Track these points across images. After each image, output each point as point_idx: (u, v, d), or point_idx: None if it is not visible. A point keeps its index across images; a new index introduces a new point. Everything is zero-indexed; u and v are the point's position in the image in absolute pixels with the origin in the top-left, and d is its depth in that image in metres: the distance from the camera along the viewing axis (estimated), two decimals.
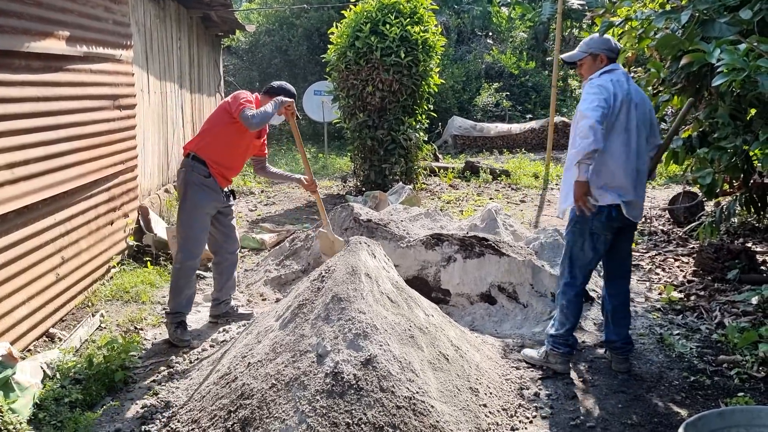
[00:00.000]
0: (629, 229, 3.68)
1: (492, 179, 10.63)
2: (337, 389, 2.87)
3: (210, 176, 4.17)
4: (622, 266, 3.75)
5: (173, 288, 4.22)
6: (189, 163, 4.18)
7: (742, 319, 4.32)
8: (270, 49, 16.73)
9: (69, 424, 3.12)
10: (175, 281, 4.21)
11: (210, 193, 4.19)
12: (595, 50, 3.65)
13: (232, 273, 4.55)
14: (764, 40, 3.30)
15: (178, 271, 4.20)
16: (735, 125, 4.05)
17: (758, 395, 3.43)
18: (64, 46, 4.53)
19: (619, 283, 3.75)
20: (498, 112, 16.93)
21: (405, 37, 8.97)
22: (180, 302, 4.22)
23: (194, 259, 4.22)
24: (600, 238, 3.54)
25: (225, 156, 4.21)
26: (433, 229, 5.55)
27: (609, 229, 3.52)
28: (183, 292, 4.22)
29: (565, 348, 3.68)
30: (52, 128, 4.32)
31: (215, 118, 4.22)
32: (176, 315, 4.21)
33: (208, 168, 4.17)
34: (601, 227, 3.51)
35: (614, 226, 3.52)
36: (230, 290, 4.59)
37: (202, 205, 4.17)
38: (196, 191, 4.14)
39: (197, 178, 4.14)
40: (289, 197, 9.72)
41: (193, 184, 4.14)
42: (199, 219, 4.19)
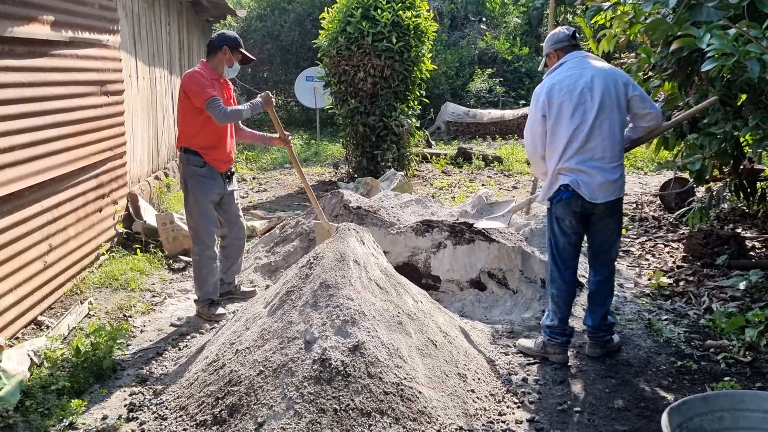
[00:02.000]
0: (602, 216, 3.52)
1: (484, 165, 10.61)
2: (325, 376, 2.87)
3: (205, 165, 4.21)
4: (600, 255, 3.65)
5: (197, 278, 4.34)
6: (183, 157, 4.25)
7: (730, 304, 4.34)
8: (261, 34, 16.58)
9: (56, 411, 3.11)
10: (198, 272, 4.34)
11: (209, 183, 4.25)
12: (546, 51, 3.68)
13: (238, 257, 4.66)
14: (754, 25, 3.29)
15: (198, 262, 4.32)
16: (725, 111, 4.05)
17: (744, 380, 3.45)
18: (49, 31, 4.46)
19: (598, 270, 3.68)
20: (491, 98, 16.88)
21: (396, 22, 8.90)
22: (207, 290, 4.36)
23: (210, 249, 4.32)
24: (564, 222, 3.54)
25: (210, 138, 4.21)
26: (424, 215, 5.54)
27: (570, 213, 3.49)
28: (208, 280, 4.35)
29: (562, 338, 3.64)
30: (37, 114, 4.27)
31: (182, 108, 4.21)
32: (206, 300, 4.36)
33: (201, 157, 4.19)
34: (561, 211, 3.51)
35: (576, 211, 3.48)
36: (235, 273, 4.70)
37: (204, 195, 4.24)
38: (195, 184, 4.22)
39: (193, 170, 4.21)
40: (280, 184, 9.69)
41: (191, 178, 4.22)
42: (205, 210, 4.27)
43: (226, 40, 4.23)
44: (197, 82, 4.06)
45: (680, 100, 4.54)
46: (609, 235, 3.61)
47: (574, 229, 3.56)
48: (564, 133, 3.42)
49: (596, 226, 3.59)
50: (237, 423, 2.84)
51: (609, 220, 3.57)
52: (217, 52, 4.22)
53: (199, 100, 4.02)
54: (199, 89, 4.04)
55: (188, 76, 4.12)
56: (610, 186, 3.43)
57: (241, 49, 4.30)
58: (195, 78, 4.09)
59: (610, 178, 3.42)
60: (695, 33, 3.46)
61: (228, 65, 4.29)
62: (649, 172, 9.89)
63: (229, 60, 4.25)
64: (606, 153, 3.42)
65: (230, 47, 4.23)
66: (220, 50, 4.21)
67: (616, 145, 3.45)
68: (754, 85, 3.67)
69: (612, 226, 3.60)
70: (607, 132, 3.40)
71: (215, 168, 4.25)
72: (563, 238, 3.58)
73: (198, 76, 4.11)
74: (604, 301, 3.72)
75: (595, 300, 3.73)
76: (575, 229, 3.56)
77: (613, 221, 3.59)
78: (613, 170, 3.43)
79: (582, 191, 3.40)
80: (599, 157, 3.41)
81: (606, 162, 3.42)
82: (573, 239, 3.58)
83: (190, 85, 4.08)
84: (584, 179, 3.41)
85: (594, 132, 3.39)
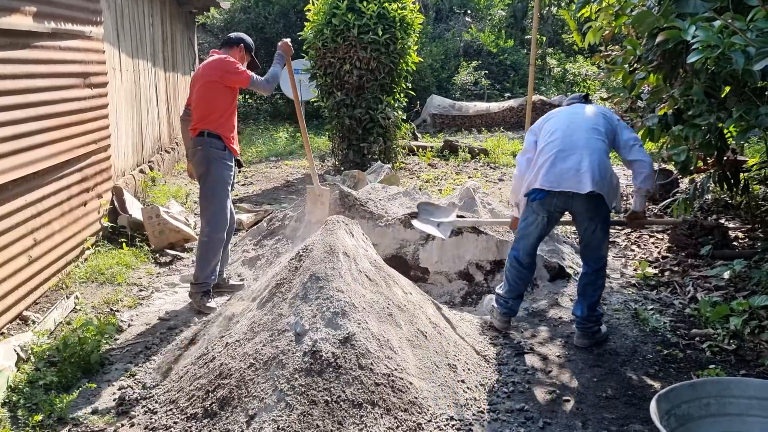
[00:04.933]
0: (582, 214, 3.62)
1: (471, 158, 10.64)
2: (316, 367, 2.87)
3: (226, 149, 4.34)
4: (587, 250, 3.75)
5: (201, 259, 4.38)
6: (205, 140, 4.30)
7: (715, 293, 4.40)
8: (245, 26, 16.43)
9: (44, 406, 3.08)
10: (203, 253, 4.37)
11: (229, 165, 4.37)
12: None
13: (226, 247, 4.67)
14: (739, 17, 3.32)
15: (206, 243, 4.36)
16: (709, 102, 4.09)
17: (729, 367, 3.51)
18: (31, 22, 4.40)
19: (586, 264, 3.78)
20: (476, 91, 16.90)
21: (382, 14, 8.87)
22: (207, 273, 4.38)
23: (222, 232, 4.41)
24: (537, 216, 3.70)
25: (230, 124, 4.38)
26: (412, 207, 5.54)
27: (542, 210, 3.66)
28: (211, 262, 4.39)
29: (503, 308, 3.89)
30: (19, 107, 4.21)
31: (211, 94, 4.28)
32: (202, 285, 4.37)
33: (224, 142, 4.32)
34: (536, 206, 3.68)
35: (549, 209, 3.65)
36: (223, 263, 4.71)
37: (225, 177, 4.35)
38: (218, 165, 4.31)
39: (217, 153, 4.30)
40: (266, 177, 9.64)
41: (215, 159, 4.30)
42: (224, 191, 4.37)
43: (243, 39, 4.51)
44: (234, 65, 4.27)
45: (665, 92, 4.58)
46: (590, 231, 3.69)
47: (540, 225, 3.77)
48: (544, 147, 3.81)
49: (577, 222, 3.74)
50: (228, 416, 2.83)
51: (586, 216, 3.66)
52: (234, 46, 4.45)
53: (243, 81, 4.22)
54: (239, 71, 4.25)
55: (222, 62, 4.27)
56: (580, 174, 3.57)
57: (252, 54, 4.59)
58: (229, 62, 4.28)
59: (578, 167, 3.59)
60: (681, 25, 3.49)
61: (241, 62, 4.44)
62: None
63: (242, 58, 4.46)
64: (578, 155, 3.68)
65: (245, 47, 4.51)
66: (237, 46, 4.46)
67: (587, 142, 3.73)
68: (738, 77, 3.71)
69: (588, 221, 3.67)
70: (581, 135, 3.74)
71: (233, 153, 4.41)
72: (525, 227, 3.82)
73: (231, 61, 4.29)
74: (588, 294, 3.76)
75: (581, 291, 3.78)
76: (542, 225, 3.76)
77: (588, 218, 3.66)
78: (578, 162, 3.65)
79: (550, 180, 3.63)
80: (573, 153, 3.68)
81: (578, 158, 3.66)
82: (535, 231, 3.79)
83: (229, 67, 4.25)
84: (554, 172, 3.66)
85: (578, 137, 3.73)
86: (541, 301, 4.43)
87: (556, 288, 4.58)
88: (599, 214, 3.61)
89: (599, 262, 3.73)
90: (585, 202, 3.55)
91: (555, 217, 3.72)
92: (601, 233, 3.66)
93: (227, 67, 4.24)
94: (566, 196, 3.57)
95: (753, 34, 3.21)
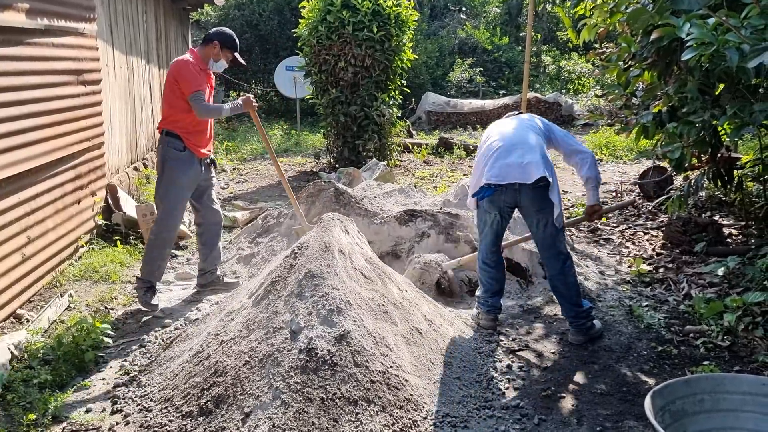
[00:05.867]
0: (530, 207, 3.66)
1: (466, 155, 10.64)
2: (311, 365, 2.87)
3: (185, 149, 4.26)
4: (544, 251, 3.77)
5: (146, 257, 4.37)
6: (164, 140, 4.29)
7: (709, 290, 4.42)
8: (240, 23, 16.38)
9: (38, 404, 3.07)
10: (149, 251, 4.36)
11: (187, 167, 4.29)
12: None
13: (216, 243, 4.66)
14: (733, 14, 3.33)
15: (152, 242, 4.35)
16: (703, 100, 4.10)
17: (723, 363, 3.52)
18: (24, 19, 4.37)
19: (549, 267, 3.79)
20: (471, 88, 16.91)
21: (377, 11, 8.86)
22: (151, 271, 4.37)
23: (170, 232, 4.37)
24: (489, 215, 3.79)
25: (193, 124, 4.27)
26: (407, 205, 5.55)
27: (493, 208, 3.75)
28: (155, 262, 4.37)
29: (485, 307, 3.96)
30: (13, 104, 4.19)
31: (169, 94, 4.26)
32: (145, 281, 4.35)
33: (183, 141, 4.25)
34: (486, 205, 3.78)
35: (499, 206, 3.72)
36: (215, 260, 4.69)
37: (178, 179, 4.28)
38: (173, 167, 4.27)
39: (173, 153, 4.25)
40: (261, 175, 9.62)
41: (170, 159, 4.26)
42: (176, 193, 4.31)
43: (219, 35, 4.37)
44: (188, 71, 4.17)
45: (659, 89, 4.59)
46: (538, 230, 3.74)
47: (493, 222, 3.84)
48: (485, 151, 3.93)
49: (527, 221, 3.82)
50: (223, 413, 2.83)
51: (533, 213, 3.71)
52: (208, 43, 4.34)
53: (187, 90, 4.13)
54: (190, 78, 4.15)
55: (180, 64, 4.20)
56: (518, 168, 3.64)
57: (232, 50, 4.42)
58: (186, 67, 4.19)
59: (518, 162, 3.65)
60: (675, 22, 3.49)
61: (214, 59, 4.38)
62: (628, 161, 10.00)
63: (217, 55, 4.37)
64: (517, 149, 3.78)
65: (221, 43, 4.35)
66: (211, 43, 4.34)
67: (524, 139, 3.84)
68: (732, 75, 3.72)
69: (535, 218, 3.71)
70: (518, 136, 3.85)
71: (195, 154, 4.32)
72: (482, 226, 3.93)
73: (189, 65, 4.20)
74: (561, 294, 3.76)
75: (559, 292, 3.80)
76: (496, 222, 3.84)
77: (534, 214, 3.70)
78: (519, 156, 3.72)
79: (494, 174, 3.70)
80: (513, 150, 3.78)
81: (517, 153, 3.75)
82: (490, 228, 3.86)
83: (183, 72, 4.17)
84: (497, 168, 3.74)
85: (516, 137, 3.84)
86: (536, 298, 4.44)
87: None
88: (547, 206, 3.63)
89: (559, 259, 3.71)
90: (532, 193, 3.60)
91: (506, 212, 3.79)
92: (552, 227, 3.67)
93: (181, 72, 4.17)
94: (513, 190, 3.63)
95: (747, 31, 3.22)
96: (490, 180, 3.66)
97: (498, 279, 3.95)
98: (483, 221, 3.87)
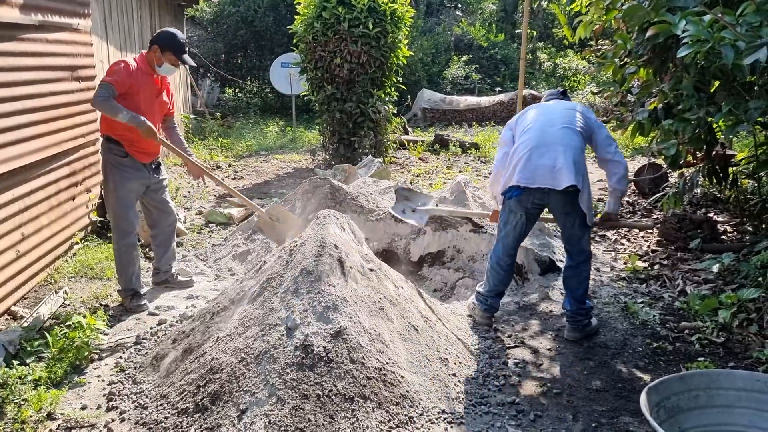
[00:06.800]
0: (559, 209, 3.65)
1: (461, 152, 10.64)
2: (307, 362, 2.86)
3: (127, 155, 4.18)
4: (569, 244, 3.77)
5: (117, 268, 4.36)
6: (104, 146, 4.22)
7: (704, 286, 4.43)
8: (235, 19, 16.33)
9: (33, 401, 3.06)
10: (117, 261, 4.34)
11: (131, 172, 4.21)
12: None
13: (170, 244, 4.66)
14: (728, 11, 3.34)
15: (116, 251, 4.33)
16: (699, 97, 4.11)
17: (717, 359, 3.54)
18: (18, 14, 4.34)
19: (569, 258, 3.80)
20: (467, 85, 16.91)
21: (373, 7, 8.84)
22: (128, 279, 4.34)
23: (128, 238, 4.30)
24: (515, 215, 3.74)
25: (132, 129, 4.07)
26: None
27: (519, 208, 3.70)
28: (128, 269, 4.33)
29: (483, 305, 3.95)
30: (6, 100, 4.16)
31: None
32: (128, 290, 4.34)
33: (123, 147, 4.16)
34: (513, 204, 3.72)
35: (526, 206, 3.68)
36: (170, 260, 4.71)
37: (123, 185, 4.20)
38: (114, 172, 4.18)
39: (114, 159, 4.17)
40: (256, 171, 9.60)
41: (111, 166, 4.19)
42: (123, 199, 4.22)
43: (158, 39, 4.13)
44: (114, 66, 4.01)
45: (655, 87, 4.59)
46: (570, 227, 3.71)
47: (520, 223, 3.79)
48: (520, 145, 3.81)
49: (559, 219, 3.75)
50: (219, 410, 2.82)
51: (565, 212, 3.67)
52: (150, 47, 4.15)
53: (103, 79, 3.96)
54: (110, 71, 3.98)
55: (114, 62, 4.08)
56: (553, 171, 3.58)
57: (174, 51, 4.14)
58: (116, 63, 4.05)
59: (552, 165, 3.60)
60: (671, 19, 3.50)
61: (156, 64, 4.16)
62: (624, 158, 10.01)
63: (158, 59, 4.14)
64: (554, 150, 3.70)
65: (160, 47, 4.12)
66: (150, 48, 4.15)
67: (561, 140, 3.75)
68: (728, 72, 3.73)
69: (567, 217, 3.68)
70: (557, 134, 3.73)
71: (137, 158, 4.22)
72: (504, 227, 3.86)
73: (120, 63, 4.03)
74: (574, 288, 3.77)
75: (567, 285, 3.81)
76: (522, 223, 3.79)
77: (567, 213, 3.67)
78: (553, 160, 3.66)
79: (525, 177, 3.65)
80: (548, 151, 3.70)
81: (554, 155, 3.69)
82: (515, 230, 3.81)
83: (110, 67, 4.03)
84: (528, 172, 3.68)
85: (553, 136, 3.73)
86: (532, 295, 4.45)
87: (546, 282, 4.60)
88: (576, 210, 3.62)
89: (582, 255, 3.74)
90: (561, 198, 3.58)
91: (532, 213, 3.74)
92: (580, 228, 3.67)
93: (111, 65, 4.05)
94: (542, 192, 3.59)
95: (743, 28, 3.23)
96: (520, 182, 3.60)
97: (505, 283, 3.93)
98: (506, 221, 3.80)
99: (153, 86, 4.20)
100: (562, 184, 3.49)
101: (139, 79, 4.08)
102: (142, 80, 4.10)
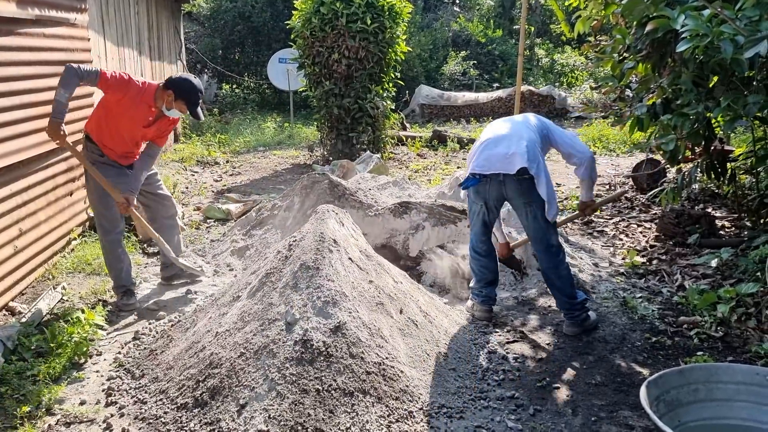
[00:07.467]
0: (517, 199, 3.66)
1: (459, 148, 10.64)
2: (307, 356, 2.86)
3: (104, 155, 4.20)
4: (535, 243, 3.77)
5: (107, 265, 4.36)
6: (84, 143, 4.24)
7: (702, 281, 4.44)
8: (232, 15, 16.29)
9: (32, 397, 3.06)
10: (106, 258, 4.34)
11: (111, 169, 4.19)
12: None
13: (173, 236, 4.63)
14: (728, 6, 3.33)
15: (103, 248, 4.33)
16: (698, 92, 4.10)
17: (716, 354, 3.55)
18: (15, 8, 4.32)
19: (542, 260, 3.78)
20: (465, 81, 16.91)
21: (371, 3, 8.82)
22: (119, 276, 4.31)
23: (111, 234, 4.28)
24: (476, 205, 3.84)
25: (112, 133, 4.11)
26: (401, 197, 5.54)
27: (479, 199, 3.80)
28: (116, 266, 4.31)
29: (479, 297, 3.98)
30: (3, 95, 4.15)
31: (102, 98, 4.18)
32: (120, 287, 4.32)
33: (100, 149, 4.18)
34: (473, 195, 3.84)
35: (485, 197, 3.76)
36: (176, 252, 4.65)
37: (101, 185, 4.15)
38: (96, 170, 4.14)
39: (92, 157, 4.18)
40: (254, 167, 9.59)
41: (92, 164, 4.16)
42: (105, 196, 4.18)
43: (177, 86, 4.11)
44: (120, 73, 4.11)
45: (654, 82, 4.59)
46: (525, 220, 3.75)
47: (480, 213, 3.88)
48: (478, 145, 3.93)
49: (516, 212, 3.82)
50: (219, 405, 2.82)
51: (520, 204, 3.71)
52: (166, 89, 4.12)
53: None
54: (114, 72, 4.09)
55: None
56: (502, 158, 3.65)
57: (187, 103, 4.13)
58: (124, 73, 4.13)
59: (503, 152, 3.66)
60: (670, 14, 3.49)
61: (166, 107, 4.17)
62: (621, 154, 10.03)
63: (169, 104, 4.15)
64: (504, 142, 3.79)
65: (176, 93, 4.11)
66: (166, 90, 4.12)
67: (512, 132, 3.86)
68: (726, 66, 3.72)
69: (522, 209, 3.71)
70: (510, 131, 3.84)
71: (116, 161, 4.23)
72: (471, 216, 3.98)
73: (128, 76, 4.09)
74: (562, 283, 3.75)
75: (552, 284, 3.81)
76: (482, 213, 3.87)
77: (521, 205, 3.70)
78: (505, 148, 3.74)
79: (481, 164, 3.74)
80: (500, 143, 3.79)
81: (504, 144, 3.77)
82: (479, 219, 3.90)
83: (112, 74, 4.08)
84: (483, 159, 3.78)
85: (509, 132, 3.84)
86: (531, 290, 4.45)
87: None
88: (534, 199, 3.62)
89: (550, 251, 3.71)
90: (516, 185, 3.61)
91: (492, 205, 3.80)
92: (543, 219, 3.66)
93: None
94: (498, 182, 3.65)
95: (742, 22, 3.22)
96: (475, 170, 3.71)
97: (490, 268, 3.96)
98: (472, 211, 3.92)
99: (144, 117, 4.16)
100: (515, 167, 3.55)
101: (135, 100, 4.07)
102: (136, 104, 4.08)
